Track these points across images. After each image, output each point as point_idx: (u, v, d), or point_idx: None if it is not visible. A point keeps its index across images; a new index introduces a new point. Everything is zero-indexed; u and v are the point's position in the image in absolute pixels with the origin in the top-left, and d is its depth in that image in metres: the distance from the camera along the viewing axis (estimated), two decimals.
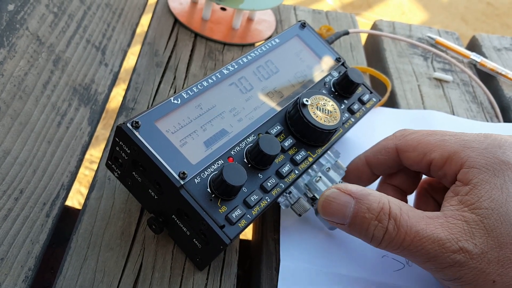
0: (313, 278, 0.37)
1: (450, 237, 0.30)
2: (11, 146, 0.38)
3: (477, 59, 0.63)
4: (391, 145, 0.38)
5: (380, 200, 0.32)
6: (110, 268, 0.35)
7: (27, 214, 0.36)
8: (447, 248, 0.30)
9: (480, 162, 0.33)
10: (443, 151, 0.35)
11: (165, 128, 0.34)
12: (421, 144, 0.36)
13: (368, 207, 0.32)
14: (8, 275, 0.33)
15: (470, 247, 0.30)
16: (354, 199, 0.33)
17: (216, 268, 0.36)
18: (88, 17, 0.51)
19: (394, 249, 0.32)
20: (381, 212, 0.32)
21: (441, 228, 0.31)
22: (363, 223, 0.32)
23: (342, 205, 0.33)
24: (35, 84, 0.42)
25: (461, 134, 0.35)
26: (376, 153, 0.39)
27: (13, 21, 0.43)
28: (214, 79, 0.38)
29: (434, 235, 0.31)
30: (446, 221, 0.31)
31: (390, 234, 0.31)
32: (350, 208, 0.33)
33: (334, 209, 0.33)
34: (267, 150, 0.34)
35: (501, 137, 0.34)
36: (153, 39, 0.55)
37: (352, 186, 0.34)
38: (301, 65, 0.43)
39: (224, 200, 0.33)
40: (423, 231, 0.31)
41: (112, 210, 0.38)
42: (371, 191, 0.33)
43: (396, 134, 0.39)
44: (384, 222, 0.32)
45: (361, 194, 0.33)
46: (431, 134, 0.37)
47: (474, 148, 0.33)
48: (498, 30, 2.16)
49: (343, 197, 0.33)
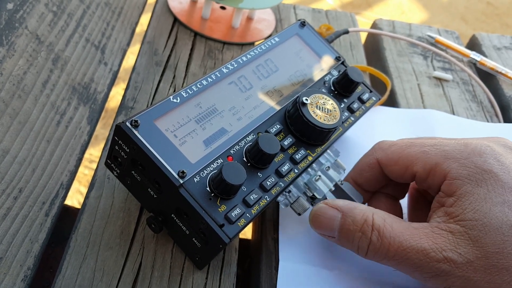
0: (312, 277, 0.37)
1: (434, 247, 0.31)
2: (10, 145, 0.38)
3: (477, 58, 0.63)
4: (372, 160, 0.39)
5: (364, 213, 0.34)
6: (109, 267, 0.35)
7: (26, 213, 0.36)
8: (432, 257, 0.31)
9: (462, 173, 0.33)
10: (424, 163, 0.35)
11: (165, 127, 0.34)
12: (402, 157, 0.36)
13: (352, 220, 0.34)
14: (7, 274, 0.33)
15: (454, 257, 0.31)
16: (340, 213, 0.35)
17: (215, 267, 0.36)
18: (88, 16, 0.51)
19: (380, 259, 0.33)
20: (364, 224, 0.33)
21: (426, 238, 0.32)
22: (348, 235, 0.34)
23: (330, 219, 0.35)
24: (34, 83, 0.42)
25: (441, 143, 0.35)
26: (361, 172, 0.39)
27: (12, 20, 0.43)
28: (213, 78, 0.38)
29: (418, 245, 0.31)
30: (431, 231, 0.32)
31: (374, 245, 0.33)
32: (337, 222, 0.35)
33: (322, 223, 0.35)
34: (267, 149, 0.34)
35: (481, 145, 0.34)
36: (152, 38, 0.55)
37: (339, 201, 0.35)
38: (301, 64, 0.43)
39: (223, 199, 0.33)
40: (407, 241, 0.32)
41: (112, 209, 0.38)
42: (357, 205, 0.35)
43: (374, 148, 0.39)
44: (368, 234, 0.33)
45: (347, 208, 0.35)
46: (410, 146, 0.37)
47: (456, 159, 0.34)
48: (498, 29, 2.16)
49: (330, 211, 0.35)
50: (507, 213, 0.31)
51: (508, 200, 0.31)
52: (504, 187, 0.32)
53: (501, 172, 0.32)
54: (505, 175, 0.32)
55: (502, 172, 0.32)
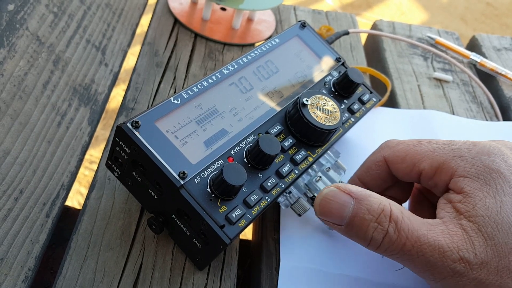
0: (313, 278, 0.37)
1: (451, 246, 0.30)
2: (11, 146, 0.38)
3: (477, 59, 0.63)
4: (379, 158, 0.38)
5: (381, 202, 0.31)
6: (110, 268, 0.35)
7: (27, 214, 0.36)
8: (448, 257, 0.30)
9: (470, 171, 0.32)
10: (432, 161, 0.34)
11: (165, 128, 0.34)
12: (409, 154, 0.36)
13: (368, 208, 0.31)
14: (8, 275, 0.33)
15: (470, 257, 0.29)
16: (353, 199, 0.32)
17: (216, 268, 0.36)
18: (88, 17, 0.51)
19: (394, 253, 0.31)
20: (382, 214, 0.31)
21: (442, 235, 0.30)
22: (362, 225, 0.31)
23: (341, 205, 0.32)
24: (35, 84, 0.42)
25: (449, 143, 0.35)
26: (367, 170, 0.39)
27: (13, 21, 0.43)
28: (214, 79, 0.38)
29: (435, 242, 0.30)
30: (446, 228, 0.31)
31: (391, 238, 0.30)
32: (349, 208, 0.32)
33: (332, 209, 0.32)
34: (267, 150, 0.34)
35: (489, 144, 0.34)
36: (153, 39, 0.55)
37: (352, 186, 0.32)
38: (301, 65, 0.43)
39: (224, 200, 0.33)
40: (424, 236, 0.30)
41: (112, 210, 0.38)
42: (372, 193, 0.32)
43: (382, 146, 0.39)
44: (385, 225, 0.31)
45: (362, 195, 0.32)
46: (418, 144, 0.36)
47: (464, 157, 0.33)
48: (497, 30, 2.16)
49: (342, 196, 0.32)
50: None
51: None
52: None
53: (508, 173, 0.32)
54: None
55: (509, 173, 0.32)
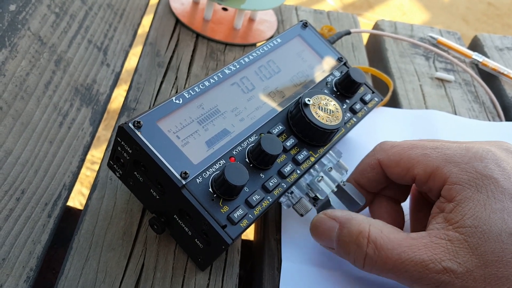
0: (314, 278, 0.37)
1: (433, 258, 0.30)
2: (13, 147, 0.38)
3: (479, 59, 0.63)
4: (373, 160, 0.38)
5: (360, 224, 0.33)
6: (112, 269, 0.35)
7: (28, 214, 0.36)
8: (431, 269, 0.30)
9: (462, 178, 0.32)
10: (425, 166, 0.35)
11: (167, 128, 0.34)
12: (403, 159, 0.36)
13: (348, 231, 0.33)
14: (10, 276, 0.33)
15: (454, 267, 0.30)
16: (338, 223, 0.34)
17: (218, 268, 0.36)
18: (90, 17, 0.51)
19: (378, 272, 0.32)
20: (360, 236, 0.33)
21: (424, 249, 0.31)
22: (344, 247, 0.34)
23: (328, 230, 0.35)
24: (36, 84, 0.42)
25: (443, 147, 0.35)
26: (362, 173, 0.39)
27: (15, 21, 0.43)
28: (215, 79, 0.38)
29: (416, 257, 0.31)
30: (430, 241, 0.31)
31: (371, 258, 0.32)
32: (334, 233, 0.34)
33: (321, 234, 0.35)
34: (269, 150, 0.34)
35: (483, 149, 0.33)
36: (154, 39, 0.55)
37: (338, 212, 0.35)
38: (303, 65, 0.43)
39: (226, 200, 0.33)
40: (405, 253, 0.31)
41: (114, 210, 0.38)
42: (355, 216, 0.34)
43: (376, 148, 0.39)
44: (363, 246, 0.32)
45: (344, 219, 0.34)
46: (412, 148, 0.36)
47: (456, 163, 0.33)
48: (499, 30, 2.16)
49: (328, 222, 0.35)
50: (507, 220, 0.30)
51: (508, 207, 0.31)
52: (504, 193, 0.31)
53: (501, 178, 0.32)
54: (505, 181, 0.31)
55: (502, 178, 0.32)
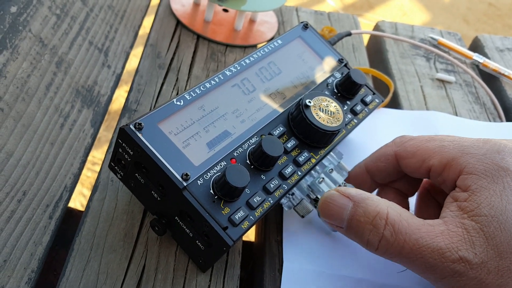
0: (316, 280, 0.37)
1: (450, 246, 0.30)
2: (14, 148, 0.38)
3: (479, 60, 0.63)
4: (390, 152, 0.38)
5: (378, 205, 0.32)
6: (113, 270, 0.35)
7: (30, 216, 0.36)
8: (447, 257, 0.30)
9: (478, 168, 0.32)
10: (441, 157, 0.34)
11: (168, 129, 0.34)
12: (420, 150, 0.36)
13: (364, 211, 0.32)
14: (11, 277, 0.33)
15: (470, 257, 0.30)
16: (352, 202, 0.33)
17: (219, 269, 0.36)
18: (91, 19, 0.52)
19: (392, 256, 0.32)
20: (377, 217, 0.32)
21: (442, 236, 0.30)
22: (358, 227, 0.32)
23: (340, 207, 0.33)
24: (38, 86, 0.42)
25: (460, 140, 0.35)
26: (375, 161, 0.39)
27: (16, 23, 0.43)
28: (216, 80, 0.38)
29: (434, 244, 0.30)
30: (446, 229, 0.31)
31: (387, 240, 0.31)
32: (347, 211, 0.33)
33: (332, 211, 0.34)
34: (270, 151, 0.34)
35: (500, 142, 0.33)
36: (155, 40, 0.55)
37: (352, 190, 0.34)
38: (304, 66, 0.43)
39: (227, 202, 0.33)
40: (423, 239, 0.30)
41: (115, 212, 0.38)
42: (371, 196, 0.33)
43: (395, 141, 0.39)
44: (380, 228, 0.31)
45: (360, 198, 0.33)
46: (430, 140, 0.36)
47: (473, 154, 0.33)
48: (499, 31, 2.16)
49: (341, 199, 0.33)
50: None
51: None
52: None
53: None
54: None
55: None
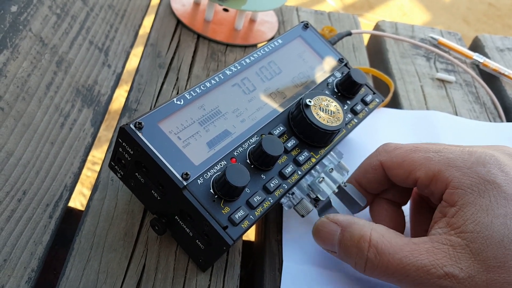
0: (316, 279, 0.37)
1: (435, 263, 0.30)
2: (14, 147, 0.38)
3: (480, 60, 0.63)
4: (375, 161, 0.38)
5: (362, 228, 0.33)
6: (113, 269, 0.35)
7: (30, 215, 0.36)
8: (432, 274, 0.30)
9: (465, 182, 0.32)
10: (427, 169, 0.35)
11: (168, 129, 0.34)
12: (406, 161, 0.36)
13: (350, 235, 0.34)
14: (11, 276, 0.33)
15: (456, 272, 0.30)
16: (340, 227, 0.34)
17: (219, 269, 0.36)
18: (91, 18, 0.52)
19: (380, 276, 0.33)
20: (361, 240, 0.33)
21: (426, 254, 0.31)
22: (346, 251, 0.34)
23: (329, 233, 0.35)
24: (38, 85, 0.42)
25: (445, 150, 0.35)
26: (364, 173, 0.39)
27: (16, 22, 0.43)
28: (217, 80, 0.38)
29: (418, 261, 0.31)
30: (432, 246, 0.31)
31: (372, 262, 0.32)
32: (336, 236, 0.35)
33: (323, 237, 0.35)
34: (270, 151, 0.34)
35: (485, 154, 0.33)
36: (155, 40, 0.55)
37: (340, 216, 0.35)
38: (304, 66, 0.43)
39: (227, 201, 0.33)
40: (406, 258, 0.31)
41: (115, 211, 0.38)
42: (357, 220, 0.34)
43: (379, 149, 0.39)
44: (364, 250, 0.32)
45: (347, 223, 0.34)
46: (415, 151, 0.36)
47: (459, 167, 0.33)
48: (499, 31, 2.16)
49: (330, 225, 0.35)
50: (509, 225, 0.30)
51: (511, 212, 0.30)
52: (507, 199, 0.31)
53: (504, 183, 0.31)
54: (508, 186, 0.31)
55: (505, 183, 0.31)
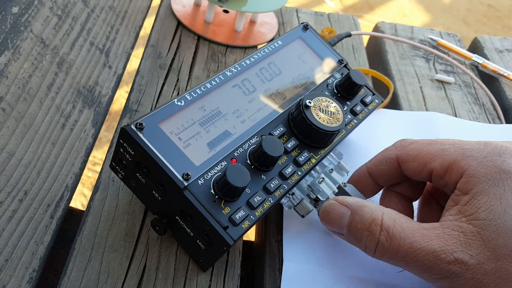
0: (316, 279, 0.37)
1: (445, 248, 0.31)
2: (16, 148, 0.38)
3: (479, 61, 0.63)
4: (391, 155, 0.38)
5: (373, 211, 0.33)
6: (114, 269, 0.35)
7: (31, 215, 0.36)
8: (442, 259, 0.31)
9: (480, 171, 0.32)
10: (443, 160, 0.35)
11: (169, 129, 0.34)
12: (421, 153, 0.36)
13: (361, 218, 0.34)
14: (13, 276, 0.33)
15: (465, 258, 0.30)
16: (350, 210, 0.35)
17: (219, 269, 0.37)
18: (92, 19, 0.52)
19: (389, 259, 0.33)
20: (373, 223, 0.33)
21: (437, 239, 0.31)
22: (356, 233, 0.34)
23: (339, 216, 0.35)
24: (39, 86, 0.42)
25: (461, 143, 0.35)
26: (377, 164, 0.39)
27: (18, 23, 0.43)
28: (217, 81, 0.38)
29: (428, 246, 0.31)
30: (442, 232, 0.32)
31: (383, 245, 0.32)
32: (345, 219, 0.35)
33: (332, 219, 0.35)
34: (270, 151, 0.34)
35: (501, 145, 0.34)
36: (156, 41, 0.55)
37: (349, 198, 0.35)
38: (304, 67, 0.43)
39: (227, 201, 0.33)
40: (417, 242, 0.31)
41: (116, 212, 0.38)
42: (368, 203, 0.34)
43: (396, 144, 0.39)
44: (375, 233, 0.33)
45: (357, 206, 0.34)
46: (431, 144, 0.36)
47: (474, 157, 0.33)
48: (499, 32, 2.16)
49: (339, 208, 0.35)
50: None
51: None
52: None
53: None
54: None
55: None
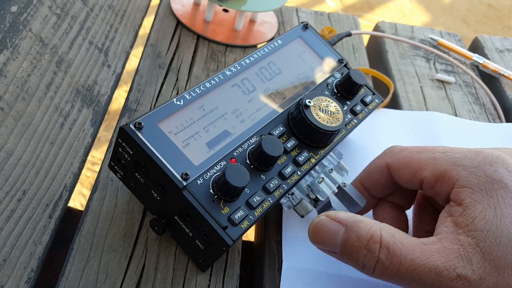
0: (315, 280, 0.37)
1: (447, 264, 0.30)
2: (14, 147, 0.38)
3: (479, 61, 0.63)
4: (382, 163, 0.38)
5: (371, 227, 0.32)
6: (112, 270, 0.35)
7: (29, 215, 0.36)
8: (444, 276, 0.29)
9: (471, 181, 0.32)
10: (434, 169, 0.34)
11: (168, 129, 0.34)
12: (412, 161, 0.36)
13: (357, 235, 0.31)
14: (11, 277, 0.33)
15: (468, 274, 0.29)
16: (343, 226, 0.32)
17: (218, 269, 0.36)
18: (91, 18, 0.52)
19: (389, 278, 0.31)
20: (371, 240, 0.31)
21: (437, 255, 0.30)
22: (352, 252, 0.32)
23: (331, 233, 0.32)
24: (38, 85, 0.42)
25: (452, 151, 0.35)
26: (369, 175, 0.39)
27: (16, 22, 0.43)
28: (216, 80, 0.38)
29: (430, 263, 0.30)
30: (442, 246, 0.30)
31: (383, 264, 0.31)
32: (339, 236, 0.32)
33: (323, 237, 0.33)
34: (270, 151, 0.34)
35: (492, 154, 0.33)
36: (155, 40, 0.55)
37: (342, 214, 0.33)
38: (304, 66, 0.43)
39: (226, 201, 0.33)
40: (418, 259, 0.30)
41: (115, 212, 0.38)
42: (362, 218, 0.32)
43: (385, 152, 0.39)
44: (375, 251, 0.31)
45: (351, 221, 0.32)
46: (421, 151, 0.36)
47: (465, 166, 0.33)
48: (499, 32, 2.16)
49: (332, 224, 0.33)
50: None
51: None
52: None
53: (511, 183, 0.31)
54: None
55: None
